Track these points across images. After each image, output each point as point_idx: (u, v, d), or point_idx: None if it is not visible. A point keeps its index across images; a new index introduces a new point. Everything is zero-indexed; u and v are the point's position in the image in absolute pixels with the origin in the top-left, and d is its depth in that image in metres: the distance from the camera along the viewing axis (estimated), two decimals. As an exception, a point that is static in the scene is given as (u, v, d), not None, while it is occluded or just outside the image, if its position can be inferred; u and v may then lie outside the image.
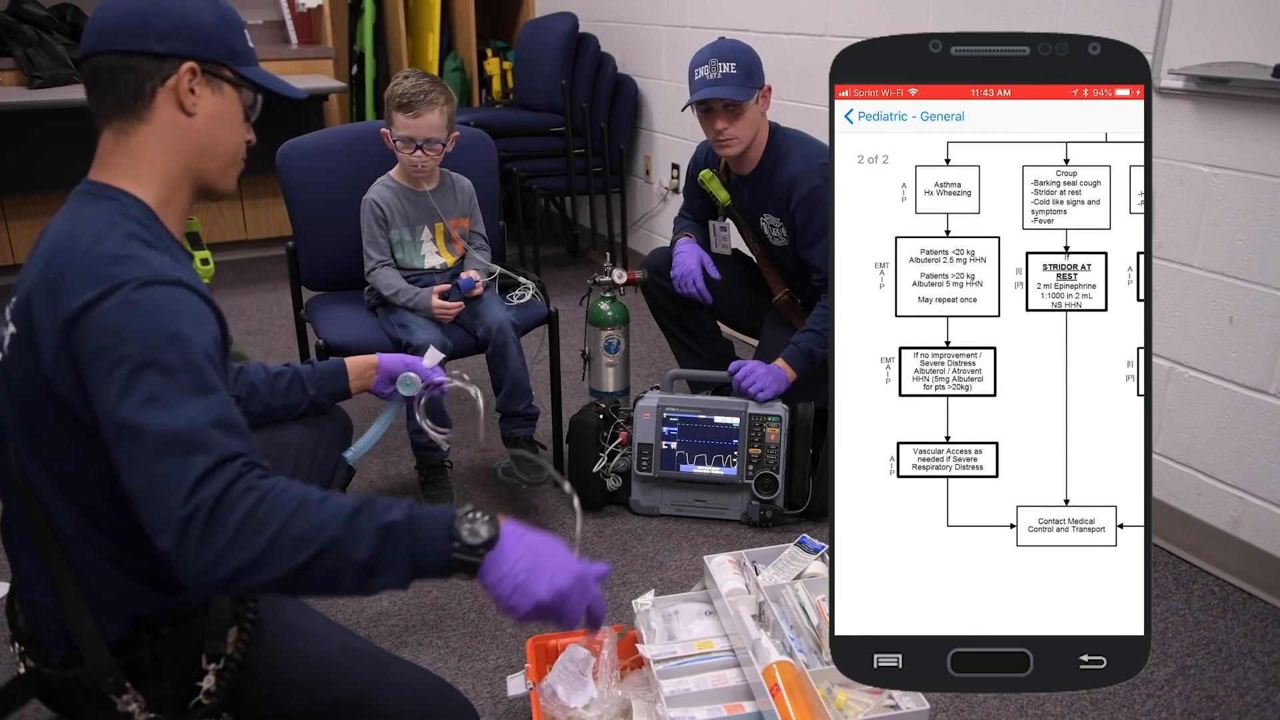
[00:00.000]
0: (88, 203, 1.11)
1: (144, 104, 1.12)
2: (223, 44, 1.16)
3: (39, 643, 1.13)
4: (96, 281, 0.99)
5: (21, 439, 1.07)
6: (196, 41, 1.13)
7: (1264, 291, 1.95)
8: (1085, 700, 1.72)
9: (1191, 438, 2.13)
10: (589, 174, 4.09)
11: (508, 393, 2.34)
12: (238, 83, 1.18)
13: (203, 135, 1.16)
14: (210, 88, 1.15)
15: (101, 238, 1.04)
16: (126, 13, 1.12)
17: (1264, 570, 2.03)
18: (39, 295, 1.03)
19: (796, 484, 2.29)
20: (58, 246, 1.05)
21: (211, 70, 1.15)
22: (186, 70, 1.12)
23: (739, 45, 2.34)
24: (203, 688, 1.14)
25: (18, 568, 1.15)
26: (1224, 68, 1.89)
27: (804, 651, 1.44)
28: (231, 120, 1.19)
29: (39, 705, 1.21)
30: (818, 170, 2.32)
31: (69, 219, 1.10)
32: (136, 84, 1.11)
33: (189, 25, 1.13)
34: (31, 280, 1.05)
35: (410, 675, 1.29)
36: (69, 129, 3.92)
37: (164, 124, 1.13)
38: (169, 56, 1.12)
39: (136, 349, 0.96)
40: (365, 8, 4.45)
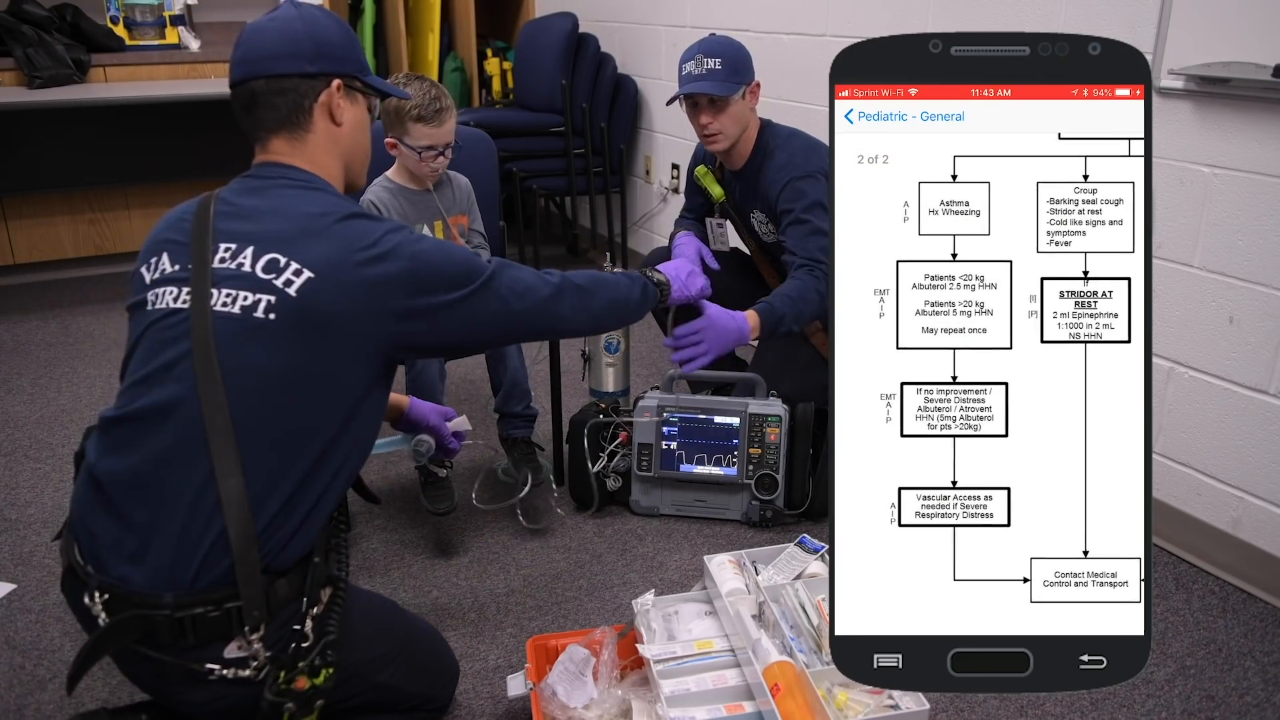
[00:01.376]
0: (302, 189, 1.34)
1: (305, 118, 1.35)
2: (353, 59, 1.40)
3: (141, 588, 1.20)
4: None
5: (256, 395, 1.22)
6: (337, 59, 1.36)
7: (1264, 291, 1.95)
8: (1085, 700, 1.72)
9: (1191, 438, 2.13)
10: (589, 174, 4.09)
11: (506, 393, 2.34)
12: (365, 90, 1.42)
13: (349, 140, 1.40)
14: (349, 99, 1.39)
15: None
16: (274, 40, 1.34)
17: (1264, 570, 2.03)
18: (326, 274, 1.23)
19: (796, 484, 2.29)
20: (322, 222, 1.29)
21: (348, 83, 1.39)
22: (337, 85, 1.36)
23: (726, 41, 2.37)
24: (303, 630, 1.24)
25: (148, 511, 1.22)
26: (1224, 68, 1.89)
27: (804, 651, 1.44)
28: (365, 124, 1.43)
29: (51, 695, 1.20)
30: (798, 164, 2.33)
31: (307, 199, 1.32)
32: (296, 102, 1.34)
33: (329, 46, 1.35)
34: (296, 254, 1.24)
35: (424, 640, 1.57)
36: (69, 129, 3.93)
37: (322, 133, 1.37)
38: (319, 75, 1.35)
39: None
40: (365, 8, 4.45)
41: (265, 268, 1.23)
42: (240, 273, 1.23)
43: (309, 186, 1.34)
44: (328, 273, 1.23)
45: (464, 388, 3.13)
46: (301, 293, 1.22)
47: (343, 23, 1.41)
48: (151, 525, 1.21)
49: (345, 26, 1.41)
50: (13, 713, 1.69)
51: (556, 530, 2.31)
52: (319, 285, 1.22)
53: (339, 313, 1.23)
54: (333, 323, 1.23)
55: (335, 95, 1.36)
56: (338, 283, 1.23)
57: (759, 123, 2.44)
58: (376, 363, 1.30)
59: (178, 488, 1.21)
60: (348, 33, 1.40)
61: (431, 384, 2.20)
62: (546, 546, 2.23)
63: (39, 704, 1.72)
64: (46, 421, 2.89)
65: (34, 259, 4.16)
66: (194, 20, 4.34)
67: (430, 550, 2.19)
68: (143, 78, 4.08)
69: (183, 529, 1.20)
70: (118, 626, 1.20)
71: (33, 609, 1.99)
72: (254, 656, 1.21)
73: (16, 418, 2.92)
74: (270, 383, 1.22)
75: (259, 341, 1.21)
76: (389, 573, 2.08)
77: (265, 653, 1.21)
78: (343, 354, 1.25)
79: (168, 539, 1.20)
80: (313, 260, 1.23)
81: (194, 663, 1.21)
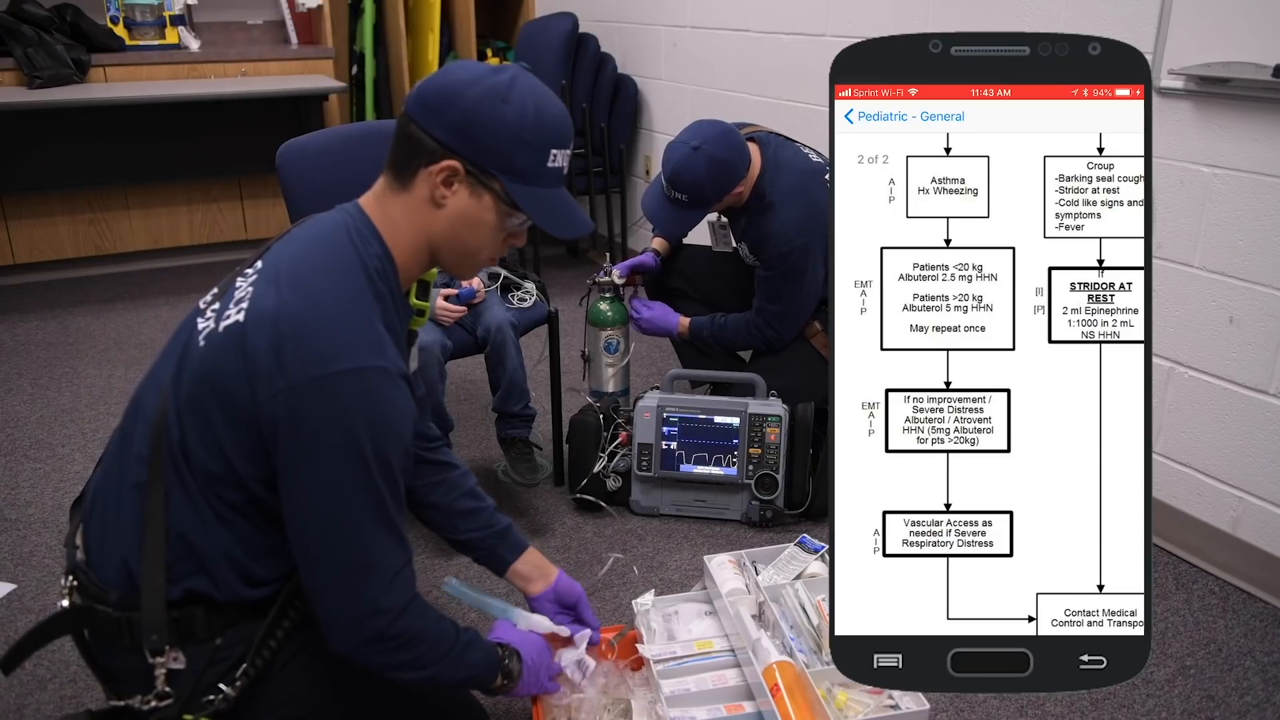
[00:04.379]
0: (342, 235, 1.16)
1: (408, 175, 1.17)
2: (501, 156, 1.15)
3: (96, 580, 1.15)
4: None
5: (193, 425, 1.11)
6: (475, 143, 1.14)
7: (1264, 291, 1.94)
8: (1085, 700, 1.72)
9: (1191, 438, 2.13)
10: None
11: (504, 393, 2.34)
12: (503, 198, 1.17)
13: (445, 228, 1.18)
14: (470, 190, 1.16)
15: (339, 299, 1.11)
16: (437, 90, 1.15)
17: (1264, 570, 2.03)
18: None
19: (796, 484, 2.29)
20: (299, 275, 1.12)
21: (477, 176, 1.15)
22: (447, 167, 1.14)
23: (696, 171, 2.24)
24: (223, 689, 1.15)
25: (102, 508, 1.17)
26: (1224, 68, 1.89)
27: (804, 651, 1.44)
28: (480, 225, 1.19)
29: (51, 695, 1.20)
30: (792, 236, 2.29)
31: (314, 246, 1.16)
32: (409, 155, 1.16)
33: (477, 126, 1.13)
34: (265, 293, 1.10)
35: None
36: (69, 129, 3.93)
37: (418, 200, 1.17)
38: (442, 147, 1.14)
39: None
40: (365, 8, 4.45)
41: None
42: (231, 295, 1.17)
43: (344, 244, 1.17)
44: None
45: (464, 388, 3.13)
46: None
47: (537, 121, 1.15)
48: (115, 516, 1.16)
49: (533, 124, 1.15)
50: (13, 713, 1.69)
51: (557, 530, 2.31)
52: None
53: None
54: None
55: (444, 174, 1.14)
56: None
57: (763, 163, 2.36)
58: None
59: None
60: (525, 130, 1.14)
61: (431, 384, 2.20)
62: (546, 546, 2.23)
63: (39, 704, 1.72)
64: (46, 421, 2.89)
65: (34, 259, 4.16)
66: (194, 20, 4.34)
67: (430, 550, 2.19)
68: (143, 78, 4.08)
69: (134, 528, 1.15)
70: (66, 616, 1.16)
71: (33, 609, 1.99)
72: (154, 683, 1.12)
73: (16, 418, 2.92)
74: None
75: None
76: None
77: (164, 685, 1.13)
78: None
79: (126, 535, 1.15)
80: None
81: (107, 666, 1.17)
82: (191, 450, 1.11)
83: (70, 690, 1.75)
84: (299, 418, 1.05)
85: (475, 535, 1.50)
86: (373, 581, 1.10)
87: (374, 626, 1.11)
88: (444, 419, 2.27)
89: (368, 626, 1.11)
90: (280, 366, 1.05)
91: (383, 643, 1.12)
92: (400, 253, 1.19)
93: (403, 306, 1.23)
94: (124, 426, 1.20)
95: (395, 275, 1.18)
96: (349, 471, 1.07)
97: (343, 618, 1.11)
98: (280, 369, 1.05)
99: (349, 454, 1.06)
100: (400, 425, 1.11)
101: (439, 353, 2.22)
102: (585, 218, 1.26)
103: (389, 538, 1.11)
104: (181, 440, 1.11)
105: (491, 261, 1.28)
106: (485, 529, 1.51)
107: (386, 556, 1.11)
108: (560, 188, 1.23)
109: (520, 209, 1.18)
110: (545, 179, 1.19)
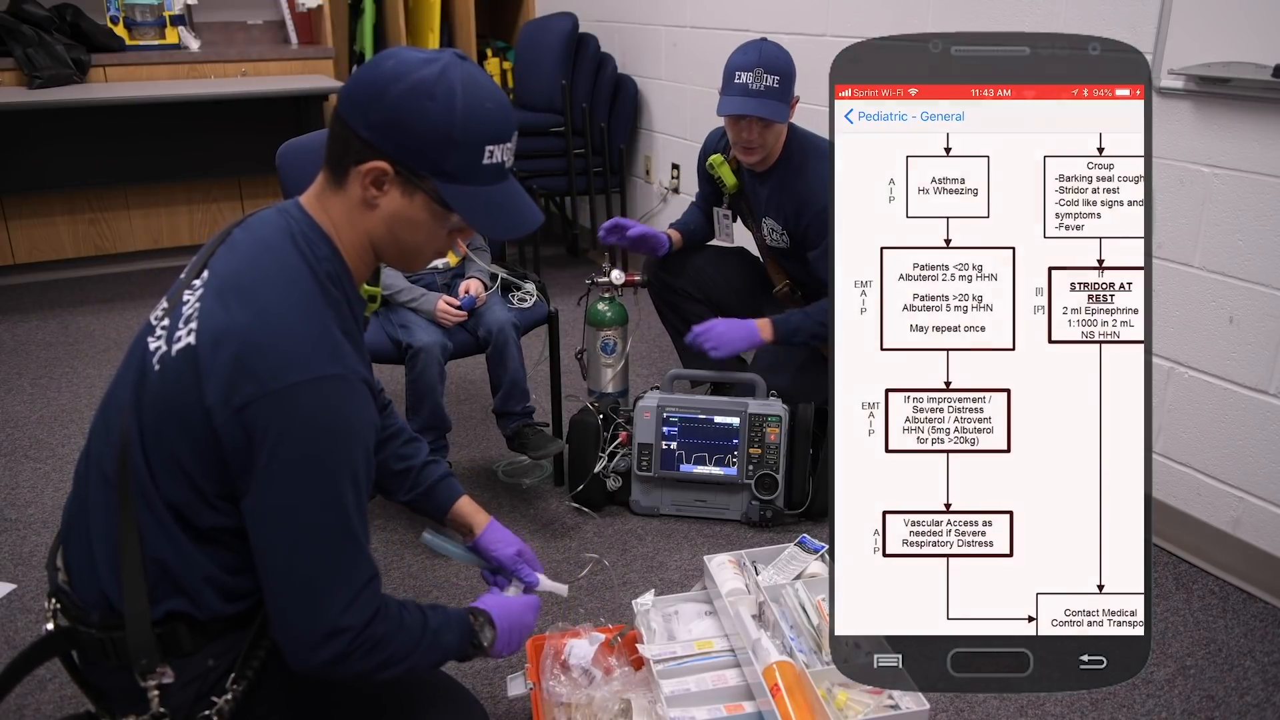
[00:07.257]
0: (286, 242, 1.11)
1: (342, 174, 1.12)
2: (429, 157, 1.09)
3: (77, 601, 1.14)
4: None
5: (156, 453, 1.08)
6: (402, 145, 1.08)
7: (1264, 291, 1.95)
8: (1085, 700, 1.72)
9: (1191, 438, 2.13)
10: (589, 174, 4.09)
11: (505, 393, 2.34)
12: (436, 198, 1.11)
13: (382, 228, 1.14)
14: (402, 190, 1.11)
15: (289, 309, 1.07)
16: (363, 85, 1.09)
17: (1264, 570, 2.03)
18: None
19: (796, 484, 2.29)
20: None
21: (407, 177, 1.10)
22: (374, 168, 1.09)
23: (783, 57, 2.29)
24: (215, 701, 1.14)
25: (78, 531, 1.15)
26: (1224, 68, 1.89)
27: (804, 651, 1.44)
28: (417, 225, 1.14)
29: (50, 695, 1.20)
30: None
31: (260, 254, 1.11)
32: (341, 153, 1.11)
33: (401, 127, 1.07)
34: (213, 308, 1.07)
35: (414, 689, 1.31)
36: (69, 129, 3.93)
37: (353, 200, 1.12)
38: (368, 147, 1.08)
39: None
40: (365, 8, 4.45)
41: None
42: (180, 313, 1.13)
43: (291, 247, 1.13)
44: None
45: (464, 388, 3.13)
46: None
47: (467, 119, 1.08)
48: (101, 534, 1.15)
49: (462, 122, 1.07)
50: (13, 713, 1.69)
51: (556, 530, 2.31)
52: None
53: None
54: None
55: (372, 175, 1.09)
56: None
57: (788, 128, 2.39)
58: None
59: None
60: (453, 129, 1.07)
61: (432, 384, 2.20)
62: (546, 547, 2.23)
63: (39, 704, 1.72)
64: (46, 421, 2.89)
65: (34, 259, 4.16)
66: (194, 20, 4.34)
67: (430, 550, 2.19)
68: (143, 78, 4.08)
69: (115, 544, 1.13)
70: (50, 640, 1.15)
71: (33, 609, 1.99)
72: (149, 704, 1.11)
73: (16, 418, 2.92)
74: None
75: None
76: (389, 573, 2.08)
77: (159, 706, 1.11)
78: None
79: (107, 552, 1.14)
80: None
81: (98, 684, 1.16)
82: (158, 479, 1.09)
83: (70, 690, 1.75)
84: (258, 434, 1.03)
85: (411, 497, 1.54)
86: (334, 601, 1.07)
87: (334, 647, 1.08)
88: (443, 419, 2.27)
89: (328, 647, 1.08)
90: (235, 385, 1.02)
91: (346, 660, 1.09)
92: (348, 252, 1.15)
93: (358, 305, 1.19)
94: (90, 448, 1.17)
95: (349, 277, 1.16)
96: (311, 487, 1.05)
97: (302, 639, 1.08)
98: (235, 387, 1.02)
99: (310, 468, 1.04)
100: (362, 431, 1.09)
101: (439, 353, 2.22)
102: (531, 214, 1.19)
103: (353, 554, 1.09)
104: (147, 469, 1.09)
105: (441, 255, 1.24)
106: (416, 488, 1.53)
107: (350, 573, 1.09)
108: (503, 183, 1.15)
109: (456, 210, 1.13)
110: (482, 176, 1.12)
